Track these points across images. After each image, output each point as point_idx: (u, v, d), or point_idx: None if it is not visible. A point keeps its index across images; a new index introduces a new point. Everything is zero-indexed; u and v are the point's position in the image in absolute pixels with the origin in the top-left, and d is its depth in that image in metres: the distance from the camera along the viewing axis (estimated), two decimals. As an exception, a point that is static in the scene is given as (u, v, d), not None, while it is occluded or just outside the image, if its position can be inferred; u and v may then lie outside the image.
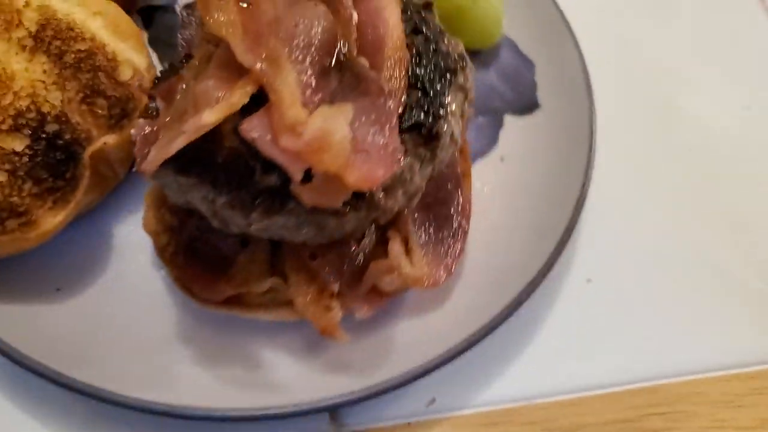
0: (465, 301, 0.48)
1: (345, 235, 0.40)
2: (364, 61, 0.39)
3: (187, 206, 0.41)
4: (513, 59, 0.60)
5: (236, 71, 0.38)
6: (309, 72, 0.37)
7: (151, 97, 0.41)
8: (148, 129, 0.38)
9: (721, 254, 0.55)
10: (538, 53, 0.60)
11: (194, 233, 0.44)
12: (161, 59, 0.59)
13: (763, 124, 0.62)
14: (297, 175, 0.34)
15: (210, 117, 0.35)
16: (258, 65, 0.37)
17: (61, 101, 0.48)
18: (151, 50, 0.59)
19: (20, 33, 0.49)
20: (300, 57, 0.36)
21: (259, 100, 0.37)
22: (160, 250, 0.45)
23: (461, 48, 0.45)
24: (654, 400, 0.49)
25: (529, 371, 0.49)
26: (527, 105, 0.58)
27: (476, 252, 0.50)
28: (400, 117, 0.40)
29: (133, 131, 0.38)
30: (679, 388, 0.49)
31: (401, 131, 0.40)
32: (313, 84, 0.36)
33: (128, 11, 0.56)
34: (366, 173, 0.33)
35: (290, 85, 0.35)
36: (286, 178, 0.36)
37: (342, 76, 0.38)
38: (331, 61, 0.39)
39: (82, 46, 0.50)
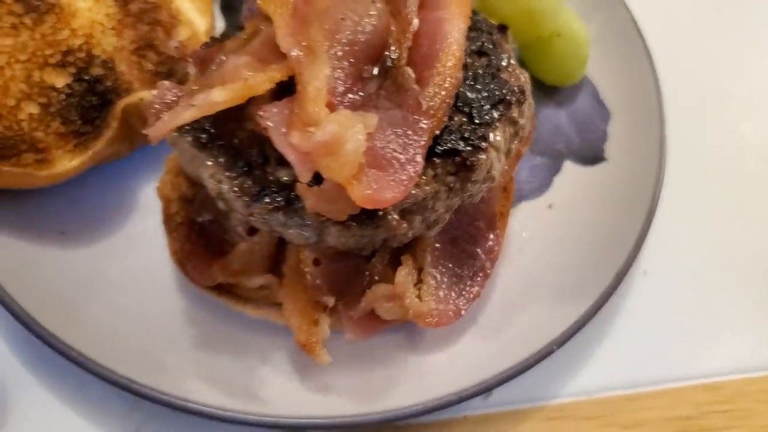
0: (473, 349, 0.44)
1: (348, 249, 0.37)
2: (410, 72, 0.36)
3: (197, 180, 0.39)
4: (589, 104, 0.55)
5: (275, 54, 0.36)
6: (346, 70, 0.34)
7: (188, 62, 0.39)
8: (169, 93, 0.36)
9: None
10: (617, 103, 0.55)
11: (204, 208, 0.42)
12: (228, 26, 0.58)
13: None
14: (304, 175, 0.31)
15: (220, 96, 0.33)
16: (294, 52, 0.34)
17: (114, 48, 0.47)
18: (221, 16, 0.58)
19: (93, -28, 0.49)
20: (340, 53, 0.34)
21: (293, 89, 0.35)
22: (167, 218, 0.44)
23: (524, 80, 0.42)
24: (715, 397, 0.47)
25: (587, 366, 0.47)
26: (592, 155, 0.53)
27: (496, 298, 0.46)
28: (437, 139, 0.36)
29: (154, 93, 0.36)
30: (742, 386, 0.48)
31: (434, 155, 0.36)
32: (347, 84, 0.33)
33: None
34: (374, 192, 0.30)
35: (319, 80, 0.33)
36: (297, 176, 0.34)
37: (383, 81, 0.35)
38: (376, 64, 0.35)
39: (150, -2, 0.49)
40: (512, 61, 0.42)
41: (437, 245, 0.43)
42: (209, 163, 0.36)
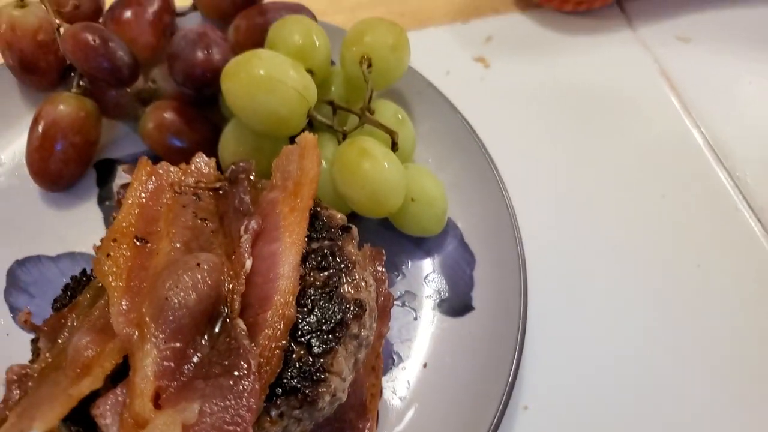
0: None
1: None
2: (242, 325, 0.38)
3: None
4: (455, 249, 0.58)
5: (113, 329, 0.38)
6: (174, 350, 0.36)
7: (36, 337, 0.41)
8: (22, 373, 0.38)
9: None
10: (480, 247, 0.58)
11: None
12: (106, 221, 0.60)
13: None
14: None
15: (77, 391, 0.35)
16: (126, 331, 0.37)
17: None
18: (99, 209, 0.60)
19: None
20: (165, 335, 0.36)
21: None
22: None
23: (366, 286, 0.44)
24: None
25: None
26: (461, 305, 0.56)
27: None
28: (278, 378, 0.39)
29: (6, 374, 0.38)
30: None
31: (276, 395, 0.39)
32: (176, 363, 0.36)
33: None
34: None
35: (147, 366, 0.35)
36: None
37: (217, 340, 0.38)
38: (210, 325, 0.38)
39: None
40: (353, 270, 0.44)
41: (312, 447, 0.45)
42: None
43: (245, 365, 0.37)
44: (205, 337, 0.38)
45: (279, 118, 0.51)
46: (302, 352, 0.40)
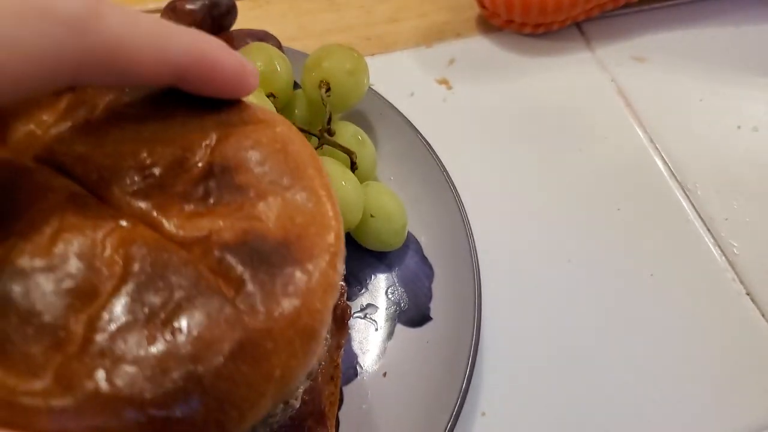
0: None
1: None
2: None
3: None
4: (415, 263, 0.61)
5: None
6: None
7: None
8: None
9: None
10: (438, 259, 0.61)
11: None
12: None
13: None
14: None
15: None
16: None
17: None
18: None
19: None
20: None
21: None
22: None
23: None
24: None
25: None
26: (420, 316, 0.58)
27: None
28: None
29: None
30: None
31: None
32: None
33: None
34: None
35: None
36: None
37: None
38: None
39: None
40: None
41: (271, 455, 0.47)
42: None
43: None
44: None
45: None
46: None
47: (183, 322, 0.29)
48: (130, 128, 0.35)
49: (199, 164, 0.33)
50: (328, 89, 0.58)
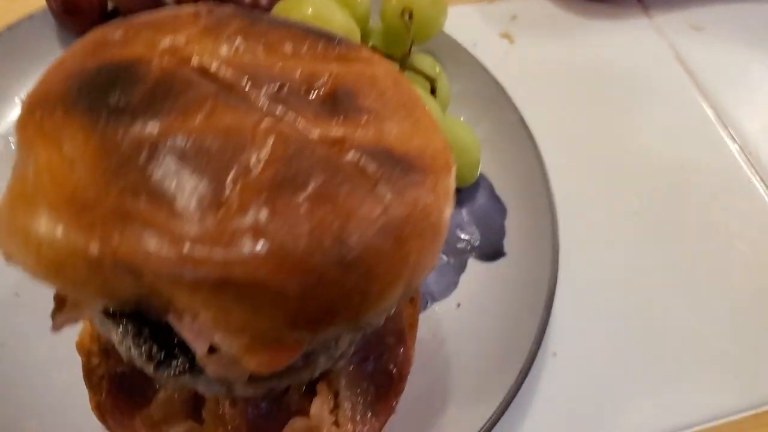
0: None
1: (259, 397, 0.39)
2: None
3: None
4: (487, 200, 0.60)
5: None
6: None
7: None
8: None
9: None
10: (511, 198, 0.59)
11: (124, 360, 0.44)
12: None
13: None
14: (200, 350, 0.33)
15: None
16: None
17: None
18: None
19: None
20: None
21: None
22: (88, 372, 0.45)
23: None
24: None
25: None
26: (493, 251, 0.57)
27: (412, 407, 0.49)
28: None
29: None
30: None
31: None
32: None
33: None
34: (268, 359, 0.32)
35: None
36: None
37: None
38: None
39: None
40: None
41: (350, 367, 0.46)
42: (117, 330, 0.38)
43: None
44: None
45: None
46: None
47: (331, 200, 0.30)
48: (263, 47, 0.37)
49: (325, 88, 0.36)
50: (411, 17, 0.57)
